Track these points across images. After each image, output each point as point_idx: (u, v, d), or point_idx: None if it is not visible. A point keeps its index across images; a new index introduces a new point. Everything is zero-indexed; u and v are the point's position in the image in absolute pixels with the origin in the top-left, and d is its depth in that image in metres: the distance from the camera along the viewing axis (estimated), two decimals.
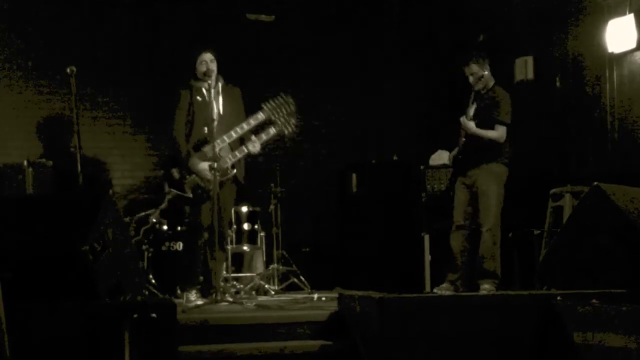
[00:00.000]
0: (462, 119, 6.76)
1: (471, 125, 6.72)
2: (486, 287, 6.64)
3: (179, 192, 6.49)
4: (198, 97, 6.52)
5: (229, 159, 6.45)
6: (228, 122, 6.47)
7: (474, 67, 6.90)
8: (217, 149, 6.26)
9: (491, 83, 6.95)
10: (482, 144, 6.76)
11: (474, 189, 6.82)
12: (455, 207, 6.90)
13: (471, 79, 6.94)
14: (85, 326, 4.40)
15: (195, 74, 6.56)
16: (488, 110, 6.80)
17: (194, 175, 6.46)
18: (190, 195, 6.46)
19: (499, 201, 6.78)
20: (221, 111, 6.50)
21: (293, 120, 6.63)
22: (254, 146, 6.52)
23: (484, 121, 6.77)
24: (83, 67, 7.03)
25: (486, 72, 6.89)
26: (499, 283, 6.77)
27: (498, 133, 6.78)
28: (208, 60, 6.52)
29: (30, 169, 7.66)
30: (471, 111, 6.83)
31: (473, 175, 6.83)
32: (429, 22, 9.52)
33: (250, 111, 6.61)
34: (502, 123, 6.79)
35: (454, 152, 7.06)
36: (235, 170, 6.51)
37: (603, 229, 5.21)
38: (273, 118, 6.54)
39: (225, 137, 6.39)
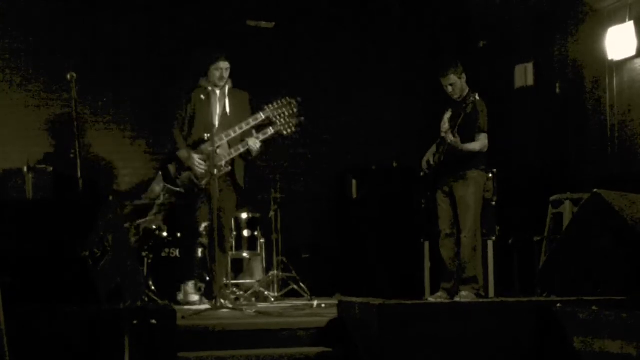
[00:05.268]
0: (448, 136, 6.58)
1: (458, 142, 6.56)
2: (463, 294, 6.60)
3: (170, 186, 6.55)
4: (202, 96, 6.53)
5: (224, 156, 6.45)
6: (231, 124, 6.51)
7: (453, 77, 6.77)
8: (215, 147, 6.23)
9: (467, 90, 6.82)
10: (462, 155, 6.66)
11: (453, 196, 6.78)
12: (440, 217, 6.86)
13: (450, 89, 6.80)
14: (85, 331, 4.39)
15: (208, 76, 6.58)
16: (469, 120, 6.61)
17: (188, 172, 6.48)
18: (182, 190, 6.48)
19: (478, 207, 6.75)
20: (228, 112, 6.56)
21: (294, 122, 6.64)
22: (255, 142, 6.54)
23: (466, 131, 6.62)
24: (83, 71, 7.05)
25: (463, 80, 6.80)
26: (480, 288, 6.74)
27: (482, 143, 6.69)
28: (224, 69, 6.56)
29: (31, 174, 7.65)
30: (447, 123, 6.71)
31: (452, 183, 6.77)
32: (429, 28, 9.53)
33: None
34: (483, 132, 6.70)
35: (428, 158, 6.93)
36: (229, 168, 6.51)
37: (603, 235, 5.21)
38: (273, 119, 6.56)
39: (223, 136, 6.42)
